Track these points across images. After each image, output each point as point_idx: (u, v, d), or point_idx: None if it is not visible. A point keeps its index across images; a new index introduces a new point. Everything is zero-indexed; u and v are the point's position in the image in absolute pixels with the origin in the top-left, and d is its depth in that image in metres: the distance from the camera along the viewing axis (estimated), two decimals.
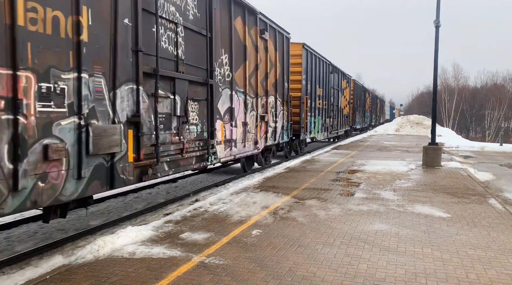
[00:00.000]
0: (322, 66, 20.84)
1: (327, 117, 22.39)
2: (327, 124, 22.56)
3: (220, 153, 9.66)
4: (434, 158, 13.51)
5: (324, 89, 21.53)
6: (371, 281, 4.29)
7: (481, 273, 4.54)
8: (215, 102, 9.30)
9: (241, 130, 10.89)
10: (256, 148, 12.10)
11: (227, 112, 10.03)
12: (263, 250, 5.20)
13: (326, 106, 22.02)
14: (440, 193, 8.92)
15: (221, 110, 9.75)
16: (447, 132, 36.09)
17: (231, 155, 10.33)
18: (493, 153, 22.62)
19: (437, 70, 14.05)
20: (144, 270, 4.56)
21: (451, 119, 66.67)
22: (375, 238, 5.73)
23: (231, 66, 10.26)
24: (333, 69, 23.40)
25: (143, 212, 8.19)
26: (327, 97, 22.14)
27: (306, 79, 17.88)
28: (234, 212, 7.10)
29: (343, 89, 27.53)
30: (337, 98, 25.31)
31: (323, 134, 21.87)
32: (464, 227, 6.33)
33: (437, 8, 13.49)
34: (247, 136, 11.34)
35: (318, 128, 20.52)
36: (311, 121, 18.97)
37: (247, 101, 11.35)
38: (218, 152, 9.51)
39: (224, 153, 9.92)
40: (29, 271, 5.23)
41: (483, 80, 78.34)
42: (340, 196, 8.53)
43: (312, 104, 18.92)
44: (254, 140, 11.92)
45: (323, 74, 21.19)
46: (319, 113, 20.62)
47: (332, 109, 23.67)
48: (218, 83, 9.47)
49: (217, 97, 9.40)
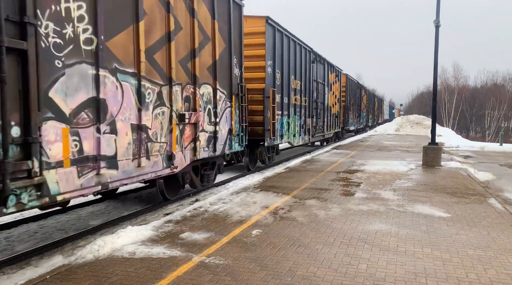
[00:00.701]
0: (299, 52, 16.42)
1: (308, 117, 18.07)
2: (308, 126, 18.22)
3: (59, 184, 5.24)
4: (434, 158, 13.51)
5: (304, 82, 17.21)
6: (371, 281, 4.29)
7: (481, 273, 4.54)
8: (42, 85, 4.99)
9: (127, 139, 6.54)
10: (170, 165, 7.77)
11: (85, 108, 5.70)
12: (263, 250, 5.20)
13: (306, 103, 17.78)
14: (440, 193, 8.92)
15: (65, 102, 5.35)
16: (447, 132, 36.09)
17: (97, 183, 5.92)
18: (493, 152, 22.62)
19: (437, 70, 14.05)
20: (144, 270, 4.56)
21: (451, 119, 66.67)
22: (375, 238, 5.73)
23: (97, 24, 5.86)
24: (315, 58, 19.09)
25: (143, 212, 8.19)
26: (308, 93, 17.94)
27: (273, 67, 13.49)
28: (234, 211, 7.10)
29: (331, 84, 23.02)
30: (322, 94, 20.84)
31: (302, 139, 17.47)
32: (464, 227, 6.33)
33: (437, 8, 13.49)
34: (149, 148, 7.08)
35: (295, 131, 16.15)
36: (283, 122, 14.64)
37: (145, 90, 6.97)
38: (51, 182, 5.13)
39: (73, 182, 5.48)
40: (29, 271, 5.23)
41: (483, 80, 78.53)
42: (340, 195, 8.53)
43: (284, 100, 14.69)
44: (166, 154, 7.65)
45: (302, 62, 16.82)
46: (296, 112, 16.27)
47: (316, 108, 19.50)
48: (50, 50, 5.13)
49: (46, 77, 5.06)
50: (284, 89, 14.66)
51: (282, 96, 14.40)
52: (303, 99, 17.21)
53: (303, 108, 17.37)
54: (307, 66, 17.76)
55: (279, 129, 14.11)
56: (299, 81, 16.43)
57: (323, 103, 21.13)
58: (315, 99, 19.39)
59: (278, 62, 14.05)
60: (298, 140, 16.90)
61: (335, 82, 24.09)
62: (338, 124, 25.81)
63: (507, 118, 67.18)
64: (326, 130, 22.17)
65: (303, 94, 17.27)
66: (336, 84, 24.47)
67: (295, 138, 16.24)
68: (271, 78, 13.38)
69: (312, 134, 18.86)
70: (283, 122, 14.60)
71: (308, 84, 17.98)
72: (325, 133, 22.02)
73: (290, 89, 15.27)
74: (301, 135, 17.19)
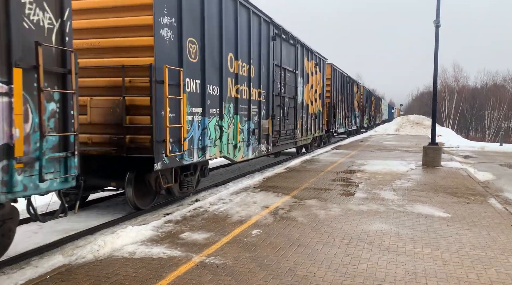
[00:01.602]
0: (246, 19, 10.89)
1: (265, 117, 12.42)
2: (267, 131, 12.57)
3: None
4: (434, 158, 13.51)
5: (258, 67, 11.73)
6: (371, 281, 4.29)
7: (481, 273, 4.54)
8: None
9: None
10: None
11: None
12: (263, 250, 5.20)
13: (263, 98, 12.20)
14: (440, 193, 8.92)
15: None
16: (447, 132, 36.09)
17: None
18: (493, 152, 22.62)
19: (437, 70, 14.05)
20: (144, 270, 4.56)
21: (451, 119, 66.67)
22: (375, 237, 5.73)
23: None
24: (278, 35, 13.07)
25: (143, 212, 8.18)
26: (266, 83, 12.42)
27: (179, 30, 7.87)
28: (234, 211, 7.10)
29: (308, 75, 17.27)
30: (293, 87, 15.17)
31: (254, 150, 11.70)
32: (464, 226, 6.33)
33: (437, 8, 13.50)
34: None
35: (235, 140, 10.44)
36: (207, 127, 8.95)
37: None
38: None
39: None
40: (29, 271, 5.23)
41: (483, 80, 78.31)
42: (340, 195, 8.53)
43: (208, 91, 8.97)
44: None
45: (252, 36, 11.13)
46: (241, 111, 10.67)
47: (281, 105, 13.67)
48: None
49: None
50: (209, 72, 8.86)
51: (203, 83, 8.63)
52: (255, 92, 11.55)
53: (257, 105, 11.72)
54: (263, 44, 11.92)
55: (196, 138, 8.44)
56: (246, 64, 10.86)
57: (295, 100, 15.23)
58: (280, 93, 13.55)
59: (194, 25, 8.36)
60: (245, 153, 11.12)
61: (314, 73, 18.18)
62: (319, 127, 19.83)
63: (507, 118, 67.16)
64: (301, 135, 16.47)
65: (256, 85, 11.66)
66: (316, 75, 18.59)
67: (237, 150, 10.53)
68: (172, 49, 7.60)
69: (274, 142, 13.12)
70: (206, 127, 8.82)
71: (266, 71, 12.29)
72: (299, 139, 16.27)
73: (224, 73, 9.48)
74: (252, 145, 11.46)
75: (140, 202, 7.94)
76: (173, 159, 7.66)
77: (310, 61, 17.48)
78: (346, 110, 28.65)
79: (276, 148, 13.64)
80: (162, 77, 7.21)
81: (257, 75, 11.74)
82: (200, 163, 9.23)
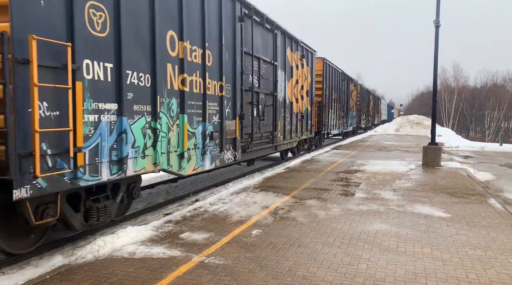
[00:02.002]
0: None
1: (231, 117, 9.79)
2: (232, 134, 9.85)
3: None
4: (434, 158, 13.52)
5: (218, 53, 9.16)
6: (371, 281, 4.30)
7: (481, 273, 4.54)
8: None
9: None
10: None
11: None
12: (263, 250, 5.21)
13: (227, 92, 9.62)
14: (440, 193, 8.92)
15: None
16: (447, 132, 36.11)
17: None
18: (493, 153, 22.63)
19: (437, 70, 14.06)
20: (144, 270, 4.56)
21: (451, 119, 66.70)
22: (375, 238, 5.73)
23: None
24: (248, 15, 10.67)
25: (143, 212, 8.19)
26: (232, 74, 9.84)
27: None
28: (234, 212, 7.11)
29: (292, 69, 14.86)
30: (271, 81, 12.60)
31: (210, 160, 8.94)
32: (464, 227, 6.33)
33: (437, 8, 13.50)
34: None
35: (182, 148, 7.78)
36: (113, 132, 6.08)
37: None
38: None
39: None
40: (29, 271, 5.23)
41: (483, 80, 78.37)
42: (340, 196, 8.54)
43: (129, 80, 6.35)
44: None
45: (207, 11, 8.57)
46: (191, 108, 8.13)
47: (254, 102, 11.19)
48: None
49: None
50: (132, 54, 6.35)
51: (119, 69, 6.12)
52: (214, 85, 8.96)
53: (217, 101, 9.14)
54: (226, 25, 9.38)
55: (107, 147, 5.93)
56: (199, 48, 8.24)
57: (274, 96, 12.77)
58: (253, 87, 11.03)
59: None
60: (199, 164, 8.41)
61: (300, 66, 15.87)
62: (307, 129, 17.46)
63: (507, 118, 67.20)
64: (283, 138, 14.00)
65: (216, 76, 9.04)
66: (303, 69, 16.27)
67: (185, 160, 7.84)
68: (53, 13, 5.11)
69: (244, 147, 10.74)
70: (126, 131, 6.22)
71: (231, 60, 9.77)
72: (280, 143, 13.73)
73: (160, 58, 6.99)
74: (210, 153, 8.83)
75: (10, 244, 5.24)
76: (57, 180, 5.08)
77: (294, 52, 14.99)
78: (340, 110, 26.48)
79: (247, 154, 11.05)
80: (28, 54, 4.66)
81: (216, 63, 9.04)
82: (125, 181, 6.63)
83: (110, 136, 5.98)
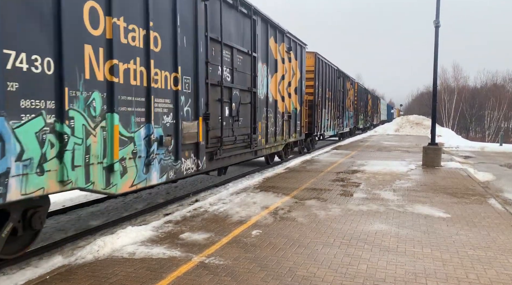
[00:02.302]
0: None
1: (191, 118, 7.94)
2: (193, 139, 8.02)
3: None
4: (434, 158, 13.51)
5: (173, 37, 7.37)
6: (371, 281, 4.29)
7: (481, 273, 4.54)
8: None
9: None
10: None
11: None
12: (263, 250, 5.20)
13: (190, 88, 7.92)
14: (440, 193, 8.92)
15: None
16: (447, 133, 36.11)
17: None
18: (493, 153, 22.63)
19: (437, 70, 14.06)
20: (144, 270, 4.56)
21: (451, 119, 66.72)
22: (375, 238, 5.73)
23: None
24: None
25: (143, 212, 8.19)
26: (191, 65, 7.96)
27: None
28: (234, 212, 7.10)
29: (277, 63, 13.19)
30: (250, 75, 11.05)
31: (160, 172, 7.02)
32: (464, 227, 6.33)
33: (437, 8, 13.50)
34: None
35: (102, 158, 5.76)
36: None
37: None
38: None
39: None
40: (29, 271, 5.23)
41: (483, 80, 78.36)
42: (340, 196, 8.53)
43: None
44: None
45: None
46: (131, 105, 6.35)
47: (222, 99, 9.31)
48: None
49: None
50: (15, 27, 4.55)
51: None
52: (164, 77, 7.15)
53: (170, 97, 7.33)
54: (184, 3, 7.65)
55: None
56: (140, 27, 6.54)
57: (252, 93, 11.09)
58: (222, 81, 9.17)
59: None
60: (141, 177, 6.62)
61: (287, 60, 14.25)
62: (296, 130, 15.83)
63: (507, 118, 67.22)
64: (266, 142, 12.26)
65: (168, 66, 7.25)
66: (290, 64, 14.64)
67: (116, 175, 6.03)
68: None
69: (211, 154, 8.92)
70: (2, 137, 4.36)
71: (191, 46, 7.90)
72: (262, 147, 11.97)
73: (71, 37, 5.22)
74: (159, 163, 6.99)
75: None
76: None
77: (279, 43, 13.31)
78: (336, 109, 24.61)
79: (216, 162, 9.22)
80: None
81: (168, 49, 7.17)
82: (16, 206, 4.96)
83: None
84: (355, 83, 33.98)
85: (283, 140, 14.10)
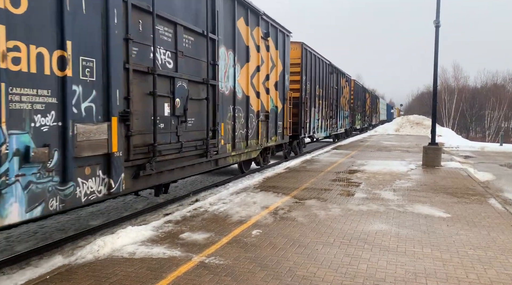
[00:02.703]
0: None
1: (99, 119, 5.61)
2: (102, 149, 5.61)
3: None
4: (434, 158, 13.51)
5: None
6: (371, 281, 4.29)
7: (481, 273, 4.54)
8: None
9: None
10: None
11: None
12: (263, 250, 5.20)
13: (95, 76, 5.52)
14: (440, 193, 8.92)
15: None
16: (447, 133, 36.10)
17: None
18: (493, 153, 22.62)
19: (437, 70, 14.05)
20: (144, 270, 4.56)
21: (451, 119, 66.71)
22: (375, 238, 5.73)
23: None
24: None
25: (143, 212, 8.19)
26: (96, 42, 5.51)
27: None
28: (234, 212, 7.10)
29: (248, 50, 11.02)
30: (205, 63, 8.59)
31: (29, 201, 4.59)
32: (464, 227, 6.33)
33: (437, 8, 13.49)
34: None
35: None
36: None
37: None
38: None
39: None
40: (29, 271, 5.23)
41: (483, 80, 78.37)
42: (340, 196, 8.53)
43: None
44: None
45: None
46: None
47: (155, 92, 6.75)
48: None
49: None
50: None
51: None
52: (44, 56, 4.78)
53: (53, 88, 4.90)
54: None
55: None
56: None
57: (211, 86, 8.87)
58: (157, 68, 6.89)
59: None
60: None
61: (264, 49, 12.18)
62: (277, 132, 13.67)
63: (507, 118, 67.22)
64: (233, 148, 10.29)
65: (46, 38, 4.79)
66: (268, 53, 12.48)
67: None
68: None
69: (139, 168, 6.63)
70: None
71: (102, 14, 5.63)
72: (226, 154, 9.96)
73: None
74: (25, 190, 4.56)
75: None
76: None
77: (252, 27, 11.00)
78: (328, 108, 22.29)
79: (144, 180, 6.90)
80: None
81: (45, 13, 4.82)
82: None
83: None
84: (351, 81, 31.53)
85: (258, 146, 11.90)
